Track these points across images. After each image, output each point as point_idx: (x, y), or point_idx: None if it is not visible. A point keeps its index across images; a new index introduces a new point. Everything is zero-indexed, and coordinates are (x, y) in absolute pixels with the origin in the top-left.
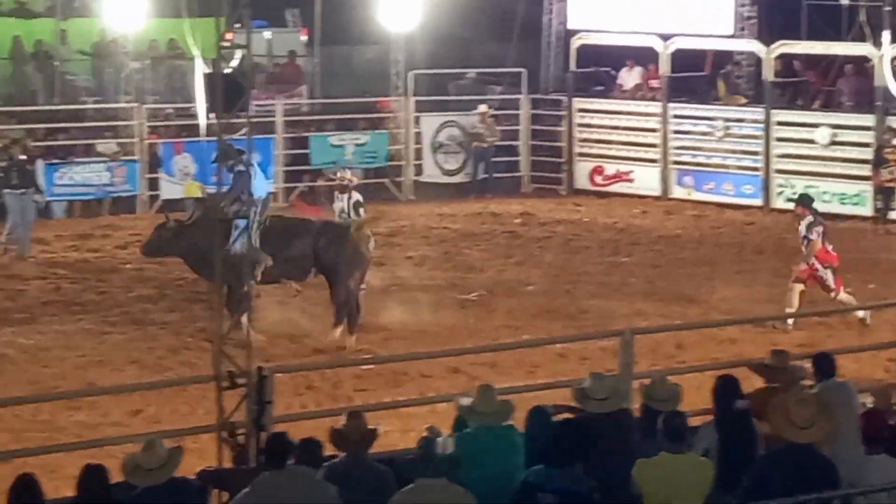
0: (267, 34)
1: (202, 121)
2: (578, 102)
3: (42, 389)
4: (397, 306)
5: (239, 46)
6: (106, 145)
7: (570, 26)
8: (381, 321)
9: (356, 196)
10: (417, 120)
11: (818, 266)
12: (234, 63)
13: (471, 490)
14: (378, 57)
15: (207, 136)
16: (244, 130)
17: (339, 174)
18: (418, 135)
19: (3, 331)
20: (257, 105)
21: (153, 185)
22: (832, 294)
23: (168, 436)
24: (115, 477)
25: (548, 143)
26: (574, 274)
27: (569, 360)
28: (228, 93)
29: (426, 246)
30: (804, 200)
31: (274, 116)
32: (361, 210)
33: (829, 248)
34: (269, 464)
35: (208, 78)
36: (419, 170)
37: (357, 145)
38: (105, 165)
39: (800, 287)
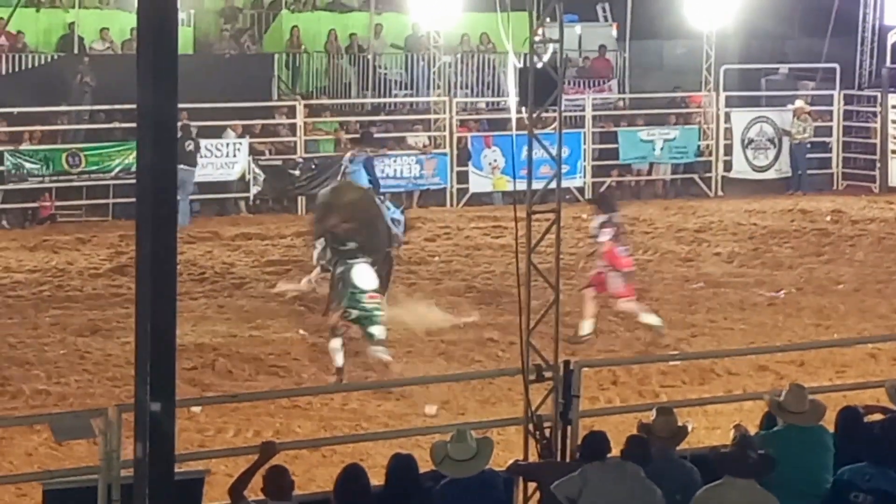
0: (578, 28)
1: (513, 115)
2: (894, 99)
3: (352, 379)
4: (705, 303)
5: (551, 41)
6: (416, 138)
7: (886, 21)
8: (688, 318)
9: None
10: (728, 115)
11: (603, 270)
12: (546, 57)
13: (778, 489)
14: (688, 51)
15: (518, 130)
16: (555, 125)
17: None
18: (728, 130)
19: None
20: (567, 99)
21: (462, 178)
22: (618, 301)
23: (474, 427)
24: (422, 467)
25: (861, 140)
26: (886, 273)
27: (879, 360)
28: (540, 87)
29: (734, 242)
30: (595, 199)
31: (583, 111)
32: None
33: (620, 250)
34: (585, 459)
35: (520, 72)
36: (728, 166)
37: (666, 140)
38: (415, 158)
39: (591, 293)
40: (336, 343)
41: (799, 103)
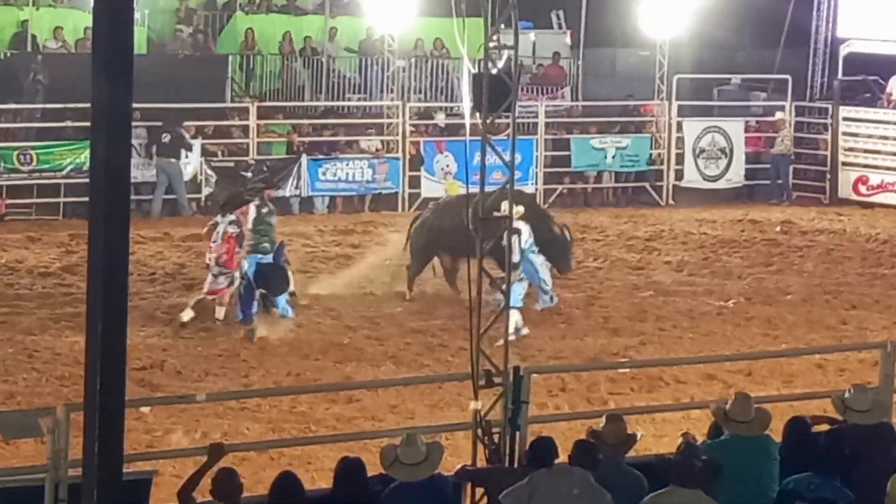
0: (532, 35)
1: (467, 120)
2: (844, 111)
3: (301, 382)
4: (654, 311)
5: (506, 47)
6: (369, 142)
7: (839, 34)
8: (637, 326)
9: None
10: (680, 125)
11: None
12: (501, 63)
13: (724, 497)
14: (642, 60)
15: (471, 135)
16: (508, 131)
17: None
18: (680, 139)
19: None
20: (520, 106)
21: (414, 183)
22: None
23: (423, 431)
24: (371, 470)
25: (812, 152)
26: (834, 284)
27: (827, 371)
28: (494, 93)
29: (685, 251)
30: (224, 201)
31: (536, 117)
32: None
33: (236, 251)
34: (532, 465)
35: (474, 78)
36: (679, 175)
37: (618, 148)
38: (367, 162)
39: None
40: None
41: (779, 115)
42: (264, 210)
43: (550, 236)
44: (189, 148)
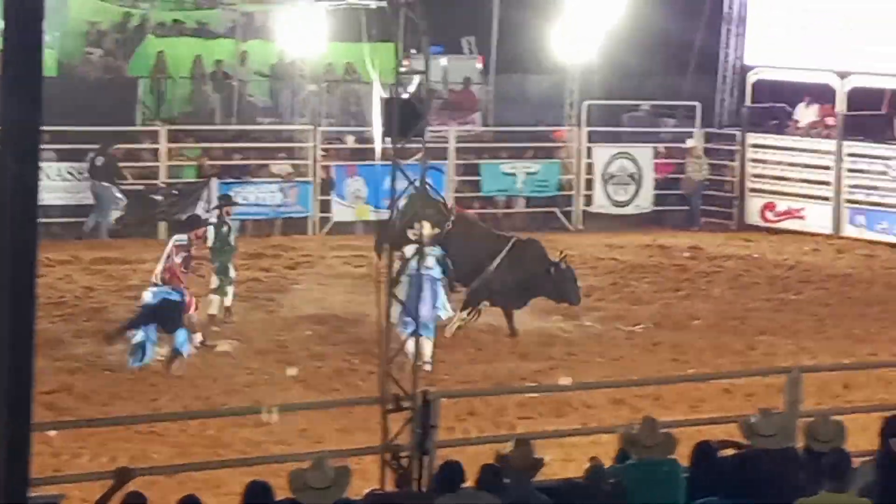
0: (443, 61)
1: (377, 145)
2: (752, 138)
3: (210, 406)
4: (563, 335)
5: (416, 72)
6: (280, 166)
7: (746, 61)
8: (546, 351)
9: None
10: (589, 151)
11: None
12: (411, 88)
13: None
14: (552, 86)
15: (381, 160)
16: (419, 156)
17: None
18: (590, 165)
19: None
20: (431, 131)
21: (325, 207)
22: None
23: (332, 456)
24: (278, 494)
25: (720, 178)
26: (742, 309)
27: (734, 395)
28: (404, 118)
29: (593, 276)
30: (184, 221)
31: (447, 143)
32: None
33: (182, 273)
34: (440, 490)
35: (385, 102)
36: (589, 200)
37: (528, 174)
38: (278, 186)
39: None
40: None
41: (691, 143)
42: (224, 229)
43: (551, 270)
44: (121, 175)
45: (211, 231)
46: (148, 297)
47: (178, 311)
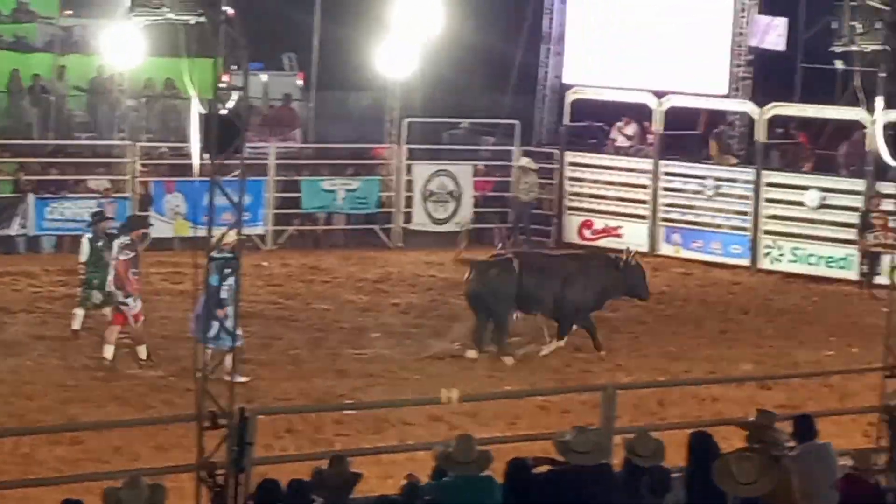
0: (263, 77)
1: (195, 161)
2: (570, 156)
3: (24, 423)
4: (381, 352)
5: (235, 88)
6: (98, 182)
7: (565, 80)
8: (365, 367)
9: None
10: (409, 168)
11: (120, 297)
12: (230, 104)
13: None
14: (373, 103)
15: (200, 176)
16: (237, 172)
17: None
18: (410, 182)
19: None
20: (250, 147)
21: None
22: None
23: (147, 473)
24: None
25: (538, 196)
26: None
27: (550, 412)
28: (223, 134)
29: (412, 294)
30: (127, 219)
31: (267, 159)
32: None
33: (132, 273)
34: None
35: (204, 118)
36: (409, 217)
37: (348, 191)
38: (96, 202)
39: (116, 327)
40: None
41: (524, 161)
42: (99, 244)
43: (618, 266)
44: None
45: (86, 246)
46: None
47: None
